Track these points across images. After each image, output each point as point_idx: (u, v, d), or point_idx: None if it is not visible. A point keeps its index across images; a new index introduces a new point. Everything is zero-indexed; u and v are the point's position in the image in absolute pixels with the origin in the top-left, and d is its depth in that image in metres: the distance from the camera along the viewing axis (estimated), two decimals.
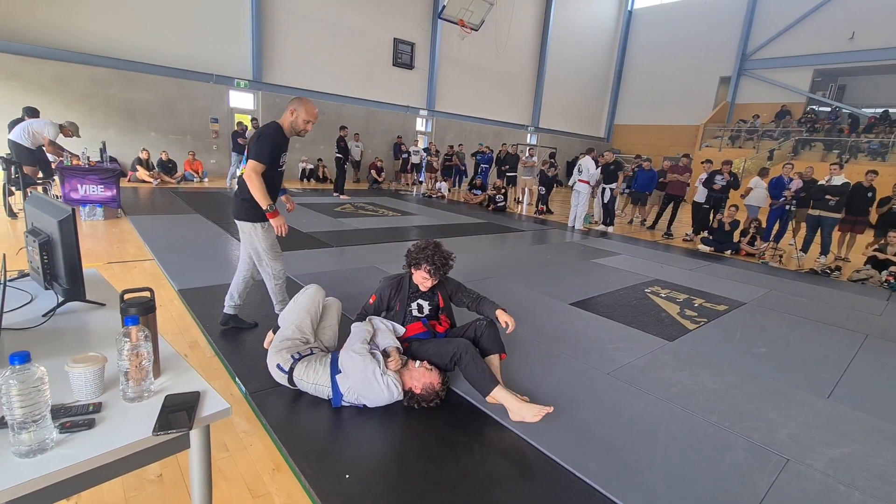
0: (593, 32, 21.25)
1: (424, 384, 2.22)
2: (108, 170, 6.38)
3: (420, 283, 2.53)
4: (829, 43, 16.53)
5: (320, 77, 13.48)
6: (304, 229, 6.39)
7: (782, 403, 2.66)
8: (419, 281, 2.52)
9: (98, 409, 1.01)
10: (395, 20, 14.68)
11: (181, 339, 2.89)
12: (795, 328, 4.05)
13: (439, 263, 2.47)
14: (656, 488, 1.87)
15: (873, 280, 6.25)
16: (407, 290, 2.58)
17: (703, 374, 2.95)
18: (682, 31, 20.22)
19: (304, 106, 2.63)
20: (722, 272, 6.09)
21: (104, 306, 1.57)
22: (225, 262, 4.57)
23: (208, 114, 11.88)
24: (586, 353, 3.10)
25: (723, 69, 19.26)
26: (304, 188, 11.65)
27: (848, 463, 2.15)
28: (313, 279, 4.12)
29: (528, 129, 19.87)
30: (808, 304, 4.89)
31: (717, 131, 18.08)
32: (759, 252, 7.44)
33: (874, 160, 13.89)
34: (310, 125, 2.67)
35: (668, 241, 8.40)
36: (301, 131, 2.67)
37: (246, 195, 2.65)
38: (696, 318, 4.08)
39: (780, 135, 16.56)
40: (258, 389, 2.33)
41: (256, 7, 11.83)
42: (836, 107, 17.04)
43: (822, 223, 7.38)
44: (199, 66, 11.44)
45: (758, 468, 2.05)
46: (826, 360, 3.40)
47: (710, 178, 8.34)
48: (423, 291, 2.57)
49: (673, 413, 2.46)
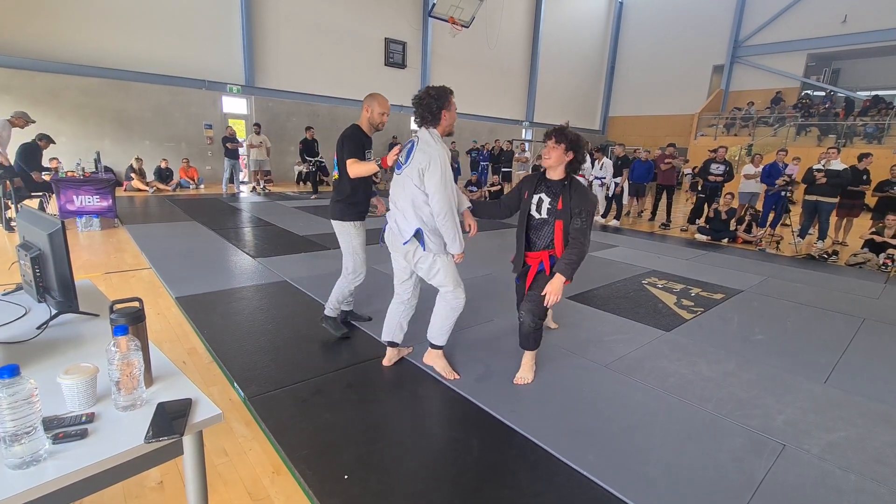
0: (585, 25, 21.22)
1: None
2: (103, 180, 6.38)
3: (545, 162, 2.45)
4: (822, 27, 16.49)
5: (313, 79, 13.47)
6: (301, 233, 6.40)
7: (779, 390, 2.68)
8: (544, 161, 2.46)
9: (91, 419, 1.02)
10: (386, 20, 14.66)
11: (179, 347, 2.90)
12: (793, 314, 4.06)
13: (560, 134, 2.38)
14: (655, 478, 1.89)
15: (871, 263, 6.26)
16: (536, 180, 2.53)
17: (701, 363, 2.96)
18: (674, 21, 20.19)
19: (377, 100, 2.77)
20: (719, 261, 6.10)
21: (98, 317, 1.58)
22: (222, 268, 4.58)
23: (202, 120, 11.88)
24: (584, 346, 3.12)
25: (716, 57, 19.24)
26: (301, 191, 11.65)
27: (844, 447, 2.17)
28: (310, 283, 4.15)
29: (523, 124, 19.85)
30: (806, 289, 4.91)
31: (713, 120, 18.07)
32: (756, 239, 7.45)
33: (870, 143, 13.89)
34: (385, 116, 2.81)
35: (665, 232, 8.42)
36: (379, 124, 2.81)
37: (340, 197, 2.84)
38: (692, 307, 4.09)
39: (776, 121, 16.54)
40: (257, 394, 2.35)
41: (246, 12, 11.82)
42: (830, 91, 17.03)
43: (819, 208, 7.39)
44: (191, 73, 11.43)
45: (755, 455, 2.07)
46: (823, 345, 3.41)
47: (706, 167, 8.35)
48: (549, 183, 2.47)
49: (670, 403, 2.47)
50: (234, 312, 3.45)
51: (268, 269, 4.59)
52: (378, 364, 2.73)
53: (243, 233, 6.34)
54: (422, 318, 2.73)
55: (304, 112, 13.52)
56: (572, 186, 2.44)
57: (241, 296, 3.82)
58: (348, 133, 2.76)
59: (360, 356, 2.83)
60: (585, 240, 2.40)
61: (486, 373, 2.69)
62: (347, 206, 2.85)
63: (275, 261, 4.89)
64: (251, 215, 7.71)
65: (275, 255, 5.11)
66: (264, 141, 10.89)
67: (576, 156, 2.41)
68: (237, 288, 4.00)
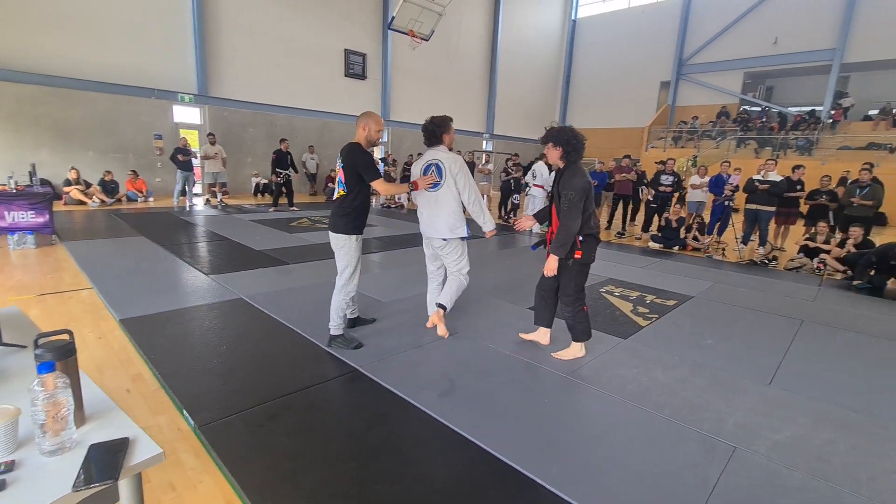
0: (540, 41, 21.92)
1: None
2: (39, 194, 5.95)
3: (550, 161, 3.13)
4: (756, 48, 17.79)
5: (271, 89, 13.17)
6: (257, 247, 6.19)
7: (729, 393, 2.80)
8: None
9: (10, 467, 0.93)
10: (345, 31, 14.59)
11: (123, 373, 2.71)
12: (739, 318, 4.28)
13: (547, 136, 2.87)
14: (615, 488, 1.92)
15: (806, 268, 6.72)
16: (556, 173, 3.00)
17: (656, 370, 3.06)
18: (623, 39, 21.21)
19: (372, 118, 2.98)
20: (671, 268, 6.37)
21: (25, 348, 1.45)
22: (172, 286, 4.35)
23: (151, 130, 11.33)
24: (545, 356, 3.15)
25: (662, 74, 20.33)
26: (259, 204, 11.30)
27: (789, 446, 2.28)
28: (267, 300, 4.00)
29: (484, 136, 20.18)
30: (749, 294, 5.20)
31: (661, 133, 19.04)
32: (703, 246, 7.84)
33: (802, 155, 15.01)
34: (381, 134, 3.05)
35: (621, 241, 8.73)
36: (376, 140, 3.03)
37: (346, 212, 2.99)
38: (647, 314, 4.24)
39: (718, 134, 17.63)
40: (208, 422, 2.22)
41: (199, 19, 11.44)
42: (765, 107, 18.33)
43: (759, 216, 7.88)
44: (140, 81, 10.91)
45: (708, 458, 2.14)
46: (767, 347, 3.61)
47: (657, 178, 8.75)
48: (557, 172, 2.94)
49: (629, 411, 2.53)
50: (185, 334, 3.27)
51: (222, 286, 4.40)
52: (341, 383, 2.66)
53: (196, 248, 6.06)
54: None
55: (261, 122, 13.19)
56: (560, 172, 2.85)
57: (192, 316, 3.63)
58: (358, 153, 2.93)
59: (321, 376, 2.74)
60: (568, 221, 2.74)
61: (451, 388, 2.67)
62: (353, 220, 3.01)
63: (230, 277, 4.69)
64: (205, 229, 7.39)
65: (230, 272, 4.90)
66: (220, 151, 10.51)
67: (564, 147, 2.80)
68: (188, 307, 3.80)
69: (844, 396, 2.83)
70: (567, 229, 2.74)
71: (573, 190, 2.71)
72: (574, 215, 2.72)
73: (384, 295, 4.28)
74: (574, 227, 2.74)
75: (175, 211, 9.27)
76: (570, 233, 2.74)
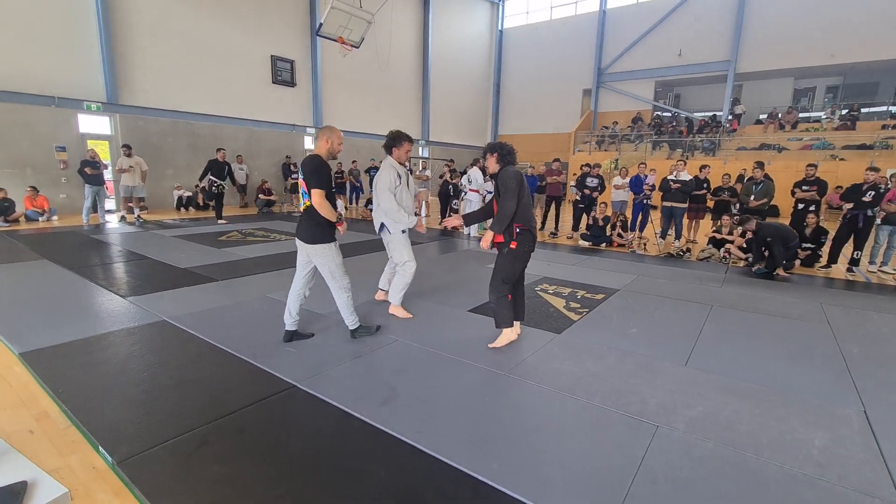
0: (471, 50, 22.48)
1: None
2: None
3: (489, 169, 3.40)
4: (664, 59, 19.45)
5: (192, 97, 12.42)
6: (182, 265, 5.80)
7: (651, 376, 3.03)
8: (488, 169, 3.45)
9: None
10: (271, 37, 14.10)
11: (24, 413, 2.44)
12: (658, 307, 4.65)
13: (488, 148, 3.36)
14: (553, 476, 2.01)
15: (715, 257, 7.42)
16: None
17: (588, 361, 3.25)
18: (548, 49, 22.31)
19: (334, 132, 3.14)
20: (599, 264, 6.78)
21: None
22: (83, 312, 3.97)
23: (52, 142, 10.26)
24: (485, 355, 3.24)
25: (584, 82, 21.62)
26: (183, 218, 10.59)
27: (703, 420, 2.52)
28: (194, 320, 3.78)
29: (420, 142, 20.30)
30: (668, 284, 5.65)
31: (586, 137, 20.21)
32: (627, 242, 8.42)
33: (707, 156, 16.57)
34: (342, 146, 3.22)
35: (555, 240, 9.14)
36: (337, 153, 3.18)
37: (317, 220, 3.07)
38: (579, 309, 4.48)
39: (636, 138, 19.06)
40: (128, 456, 2.05)
41: (104, 20, 10.54)
42: (674, 112, 20.07)
43: (673, 212, 8.60)
44: (36, 88, 9.86)
45: (634, 439, 2.31)
46: (682, 331, 3.95)
47: (583, 180, 9.27)
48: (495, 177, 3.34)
49: (564, 401, 2.67)
50: (99, 363, 3.00)
51: (142, 308, 4.08)
52: (277, 401, 2.57)
53: (111, 269, 5.56)
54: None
55: (183, 132, 12.38)
56: (498, 174, 3.28)
57: (107, 342, 3.34)
58: (318, 163, 3.05)
59: (255, 395, 2.63)
60: (506, 202, 3.12)
61: (392, 395, 2.66)
62: (327, 227, 3.13)
63: (151, 299, 4.37)
64: (121, 248, 6.81)
65: (151, 293, 4.56)
66: (138, 164, 9.74)
67: (499, 152, 3.28)
68: (103, 334, 3.48)
69: (747, 371, 3.17)
70: (504, 209, 3.12)
71: (509, 178, 3.15)
72: (511, 197, 3.11)
73: (323, 307, 4.18)
74: (510, 206, 3.11)
75: (85, 229, 8.44)
76: (507, 212, 3.11)
